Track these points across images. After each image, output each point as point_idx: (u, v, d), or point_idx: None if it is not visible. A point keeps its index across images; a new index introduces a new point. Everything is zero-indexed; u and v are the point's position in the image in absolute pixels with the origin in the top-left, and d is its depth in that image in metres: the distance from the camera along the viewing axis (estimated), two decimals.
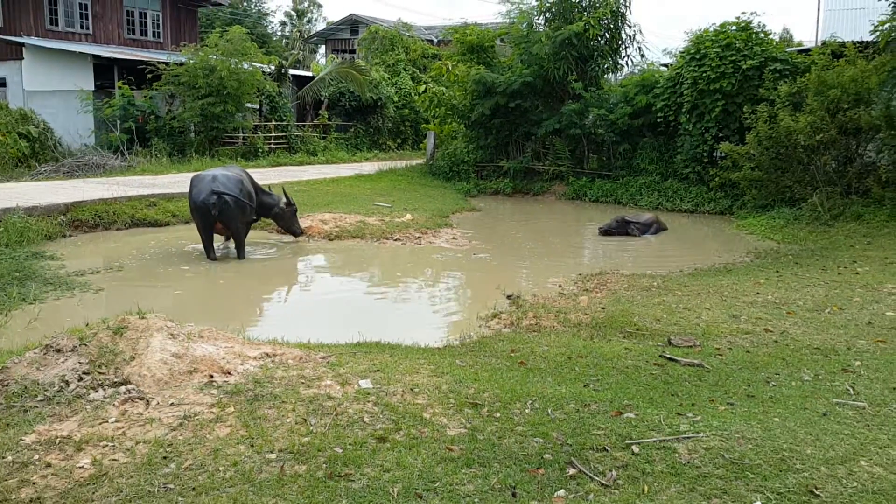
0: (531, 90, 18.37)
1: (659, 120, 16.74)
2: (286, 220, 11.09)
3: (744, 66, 14.94)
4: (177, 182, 14.57)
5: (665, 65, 18.66)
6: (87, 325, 4.79)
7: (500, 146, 19.48)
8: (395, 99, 28.45)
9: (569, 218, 15.69)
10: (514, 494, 3.09)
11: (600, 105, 17.55)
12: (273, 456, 3.38)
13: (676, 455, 3.44)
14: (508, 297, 7.55)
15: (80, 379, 4.08)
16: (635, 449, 3.50)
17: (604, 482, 3.19)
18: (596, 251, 11.78)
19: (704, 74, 15.36)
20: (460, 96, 19.40)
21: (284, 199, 10.97)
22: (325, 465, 3.30)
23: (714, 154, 15.84)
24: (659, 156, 17.13)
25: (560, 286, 8.29)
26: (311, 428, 3.67)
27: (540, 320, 6.46)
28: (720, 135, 15.53)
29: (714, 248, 11.61)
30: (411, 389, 4.23)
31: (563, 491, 3.11)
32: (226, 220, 9.45)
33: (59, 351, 4.30)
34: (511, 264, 10.27)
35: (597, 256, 11.24)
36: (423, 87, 21.43)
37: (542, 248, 11.77)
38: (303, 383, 4.28)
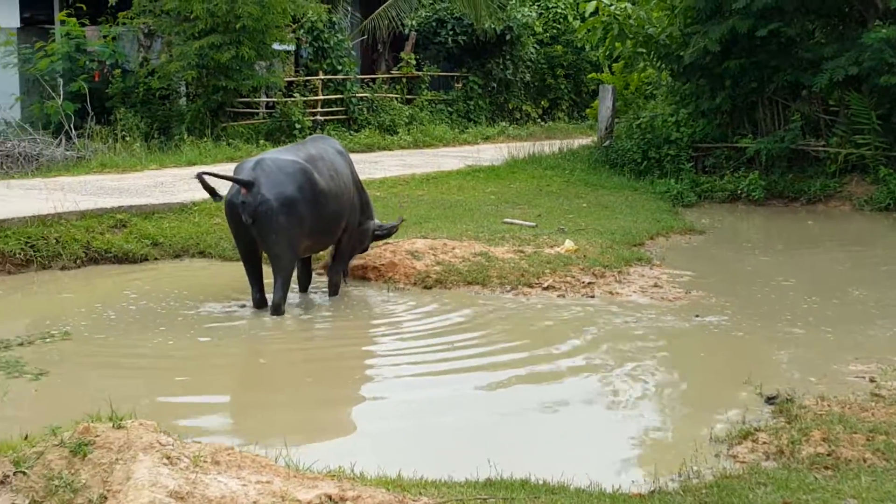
0: (798, 5, 18.09)
1: None
2: (357, 249, 11.86)
3: None
4: (160, 183, 15.17)
5: None
6: (26, 437, 5.04)
7: (739, 111, 19.31)
8: (539, 29, 28.68)
9: (880, 248, 15.44)
10: None
11: None
12: None
13: None
14: (770, 399, 7.75)
15: None
16: None
17: None
18: None
19: None
20: (663, 21, 19.38)
21: (387, 223, 12.00)
22: None
23: None
24: None
25: (873, 380, 8.36)
26: None
27: (837, 446, 6.56)
28: None
29: None
30: None
31: None
32: (262, 231, 9.96)
33: None
34: (769, 336, 10.25)
35: None
36: (591, 7, 21.54)
37: (829, 306, 11.54)
38: None
